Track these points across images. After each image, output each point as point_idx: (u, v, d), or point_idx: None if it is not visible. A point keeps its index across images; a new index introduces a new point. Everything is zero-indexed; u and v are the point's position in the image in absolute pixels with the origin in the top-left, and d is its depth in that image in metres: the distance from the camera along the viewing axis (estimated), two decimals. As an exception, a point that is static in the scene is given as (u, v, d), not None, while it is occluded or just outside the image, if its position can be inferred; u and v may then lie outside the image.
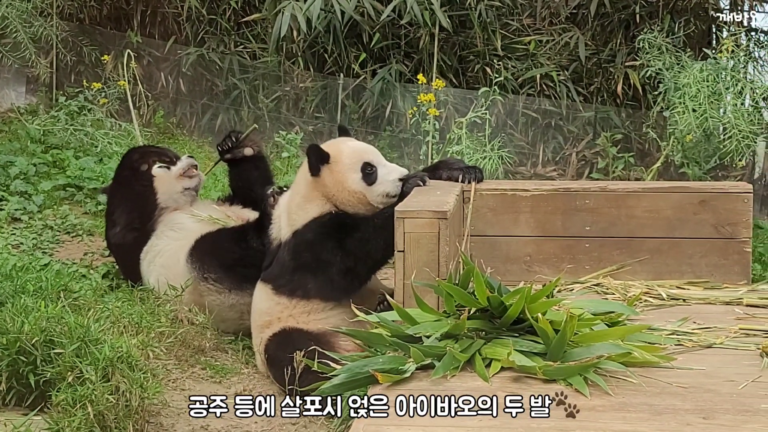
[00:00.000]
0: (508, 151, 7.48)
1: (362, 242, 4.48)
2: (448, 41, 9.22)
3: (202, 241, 5.26)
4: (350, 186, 4.57)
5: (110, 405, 3.71)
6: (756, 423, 2.78)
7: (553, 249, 4.64)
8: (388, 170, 4.60)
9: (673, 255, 4.59)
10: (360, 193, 4.57)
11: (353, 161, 4.61)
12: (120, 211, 5.56)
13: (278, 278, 4.72)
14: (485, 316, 3.48)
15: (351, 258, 4.51)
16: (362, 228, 4.51)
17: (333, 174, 4.59)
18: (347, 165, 4.60)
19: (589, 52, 9.20)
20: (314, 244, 4.59)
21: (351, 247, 4.50)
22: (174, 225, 5.47)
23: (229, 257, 5.16)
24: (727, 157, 6.93)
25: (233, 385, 4.74)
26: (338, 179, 4.58)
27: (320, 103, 9.38)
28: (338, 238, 4.54)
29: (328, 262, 4.55)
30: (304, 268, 4.64)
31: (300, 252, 4.65)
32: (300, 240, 4.65)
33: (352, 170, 4.59)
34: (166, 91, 10.06)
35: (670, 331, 3.68)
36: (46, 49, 9.58)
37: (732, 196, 4.59)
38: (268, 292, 4.76)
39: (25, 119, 8.19)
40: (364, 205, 4.59)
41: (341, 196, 4.59)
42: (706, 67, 7.03)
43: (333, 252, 4.53)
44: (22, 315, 4.10)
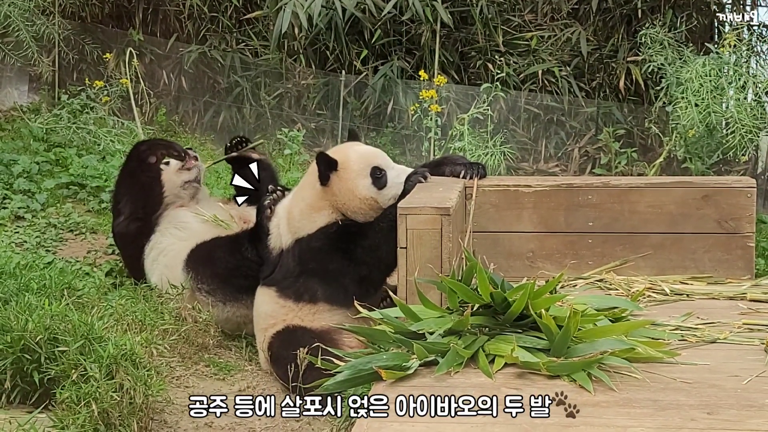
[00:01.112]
0: (510, 147, 7.49)
1: (372, 249, 4.46)
2: (450, 37, 9.22)
3: (197, 251, 5.21)
4: (361, 192, 4.53)
5: (114, 402, 3.71)
6: (760, 418, 2.78)
7: (556, 245, 4.64)
8: (397, 172, 4.57)
9: (676, 250, 4.58)
10: (371, 198, 4.54)
11: (362, 167, 4.57)
12: (125, 201, 5.55)
13: (283, 281, 4.70)
14: (488, 312, 3.48)
15: (364, 267, 4.50)
16: (370, 235, 4.49)
17: (342, 181, 4.55)
18: (356, 171, 4.56)
19: (591, 47, 9.20)
20: (322, 253, 4.57)
21: (362, 256, 4.48)
22: (178, 223, 5.47)
23: (223, 268, 5.10)
24: (730, 151, 6.93)
25: (237, 383, 4.74)
26: (348, 187, 4.54)
27: (322, 100, 9.38)
28: (346, 248, 4.52)
29: (339, 272, 4.54)
30: (311, 273, 4.62)
31: (306, 259, 4.63)
32: (306, 247, 4.62)
33: (362, 176, 4.55)
34: (168, 89, 10.07)
35: (673, 327, 3.68)
36: (48, 47, 9.59)
37: (735, 190, 4.58)
38: (272, 296, 4.75)
39: (27, 118, 8.20)
40: (375, 211, 4.55)
41: (352, 204, 4.55)
42: (708, 62, 7.02)
43: (343, 262, 4.52)
44: (26, 313, 4.11)
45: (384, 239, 4.37)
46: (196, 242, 5.26)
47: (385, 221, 4.41)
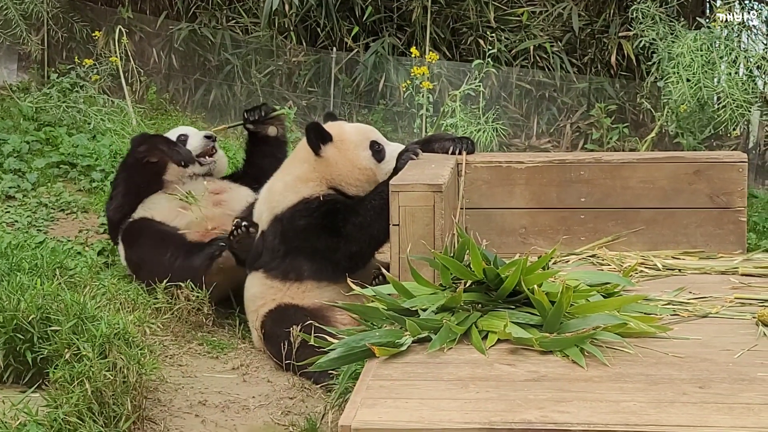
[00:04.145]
0: (503, 124, 7.48)
1: (364, 227, 4.48)
2: (441, 14, 9.19)
3: (129, 227, 5.39)
4: (361, 163, 4.61)
5: (108, 381, 3.72)
6: (752, 391, 2.79)
7: (548, 221, 4.64)
8: (393, 148, 4.69)
9: (668, 225, 4.59)
10: (370, 170, 4.65)
11: (361, 139, 4.67)
12: (118, 190, 5.56)
13: (270, 263, 4.72)
14: (481, 288, 3.48)
15: (355, 244, 4.52)
16: (361, 212, 4.50)
17: (341, 152, 4.63)
18: (355, 143, 4.65)
19: (583, 22, 9.17)
20: (307, 232, 4.59)
21: (352, 232, 4.51)
22: (150, 203, 5.45)
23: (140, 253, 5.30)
24: (722, 126, 6.93)
25: (230, 361, 4.76)
26: (348, 157, 4.62)
27: (313, 77, 9.35)
28: (334, 226, 4.54)
29: (328, 249, 4.55)
30: (297, 252, 4.64)
31: (290, 238, 4.65)
32: (288, 227, 4.64)
33: (361, 148, 4.66)
34: (159, 66, 10.02)
35: (665, 302, 3.68)
36: (37, 26, 9.53)
37: (727, 165, 4.58)
38: (259, 278, 4.78)
39: (17, 97, 8.15)
40: (370, 184, 4.64)
41: (351, 175, 4.62)
42: (699, 37, 7.01)
43: (332, 239, 4.54)
44: (18, 293, 4.10)
45: (376, 217, 4.39)
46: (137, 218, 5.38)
47: (377, 199, 4.42)
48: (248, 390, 4.45)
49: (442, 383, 2.91)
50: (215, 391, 4.40)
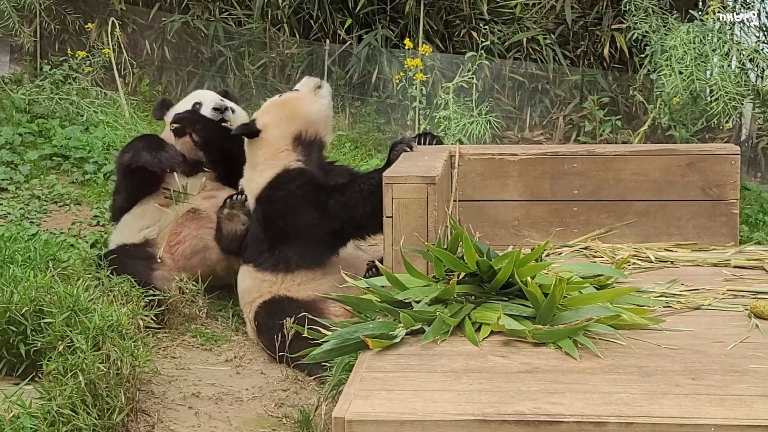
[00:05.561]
0: (496, 116, 7.47)
1: (348, 207, 4.50)
2: (434, 6, 9.17)
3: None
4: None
5: (101, 373, 3.71)
6: (744, 383, 2.81)
7: (541, 213, 4.65)
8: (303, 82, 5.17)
9: (660, 217, 4.60)
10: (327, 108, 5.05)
11: (307, 90, 5.08)
12: (117, 190, 5.53)
13: (258, 257, 4.74)
14: (474, 280, 3.49)
15: (336, 221, 4.54)
16: (347, 192, 4.52)
17: (303, 106, 4.95)
18: (306, 93, 5.04)
19: (576, 15, 9.16)
20: (288, 208, 4.60)
21: (335, 209, 4.53)
22: (123, 220, 5.45)
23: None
24: (714, 119, 6.93)
25: (223, 353, 4.76)
26: (314, 107, 4.96)
27: (306, 69, 9.32)
28: (316, 201, 4.55)
29: (309, 225, 4.57)
30: (281, 237, 4.65)
31: (272, 220, 4.66)
32: (268, 207, 4.66)
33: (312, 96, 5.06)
34: (151, 58, 9.99)
35: (658, 294, 3.70)
36: (29, 17, 9.49)
37: (719, 157, 4.59)
38: (250, 272, 4.79)
39: (9, 89, 8.12)
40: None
41: (320, 114, 4.96)
42: (692, 29, 7.01)
43: (314, 214, 4.55)
44: (11, 285, 4.10)
45: (362, 200, 4.42)
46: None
47: (366, 183, 4.45)
48: (242, 382, 4.45)
49: (436, 375, 2.92)
50: (209, 383, 4.40)
